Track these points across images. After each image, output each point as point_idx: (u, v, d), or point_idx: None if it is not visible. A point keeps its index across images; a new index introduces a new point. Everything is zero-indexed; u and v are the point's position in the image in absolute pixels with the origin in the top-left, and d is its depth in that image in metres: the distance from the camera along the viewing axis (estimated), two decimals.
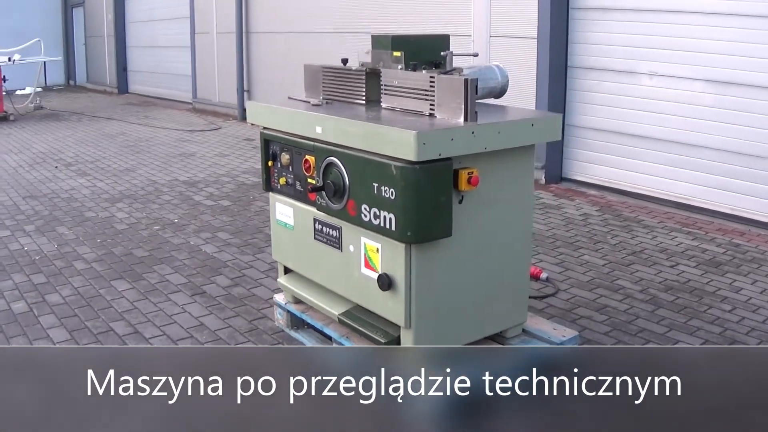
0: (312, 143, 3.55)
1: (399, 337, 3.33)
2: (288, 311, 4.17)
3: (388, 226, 3.15)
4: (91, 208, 6.96)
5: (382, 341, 3.34)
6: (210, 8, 13.07)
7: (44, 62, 14.51)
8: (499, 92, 3.90)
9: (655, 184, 6.64)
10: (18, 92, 15.42)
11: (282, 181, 3.86)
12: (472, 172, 3.15)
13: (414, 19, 8.67)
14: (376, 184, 3.18)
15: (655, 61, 6.44)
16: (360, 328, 3.48)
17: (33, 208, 6.97)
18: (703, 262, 5.21)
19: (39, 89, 17.15)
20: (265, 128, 3.94)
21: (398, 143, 3.00)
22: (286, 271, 4.15)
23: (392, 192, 3.09)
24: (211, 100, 13.49)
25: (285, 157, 3.80)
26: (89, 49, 18.77)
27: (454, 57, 3.67)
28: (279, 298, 4.27)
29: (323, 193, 3.48)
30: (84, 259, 5.55)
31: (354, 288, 3.51)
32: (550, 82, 7.15)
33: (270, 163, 3.95)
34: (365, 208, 3.26)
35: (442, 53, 3.59)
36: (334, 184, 3.42)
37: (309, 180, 3.61)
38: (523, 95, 7.42)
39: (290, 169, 3.78)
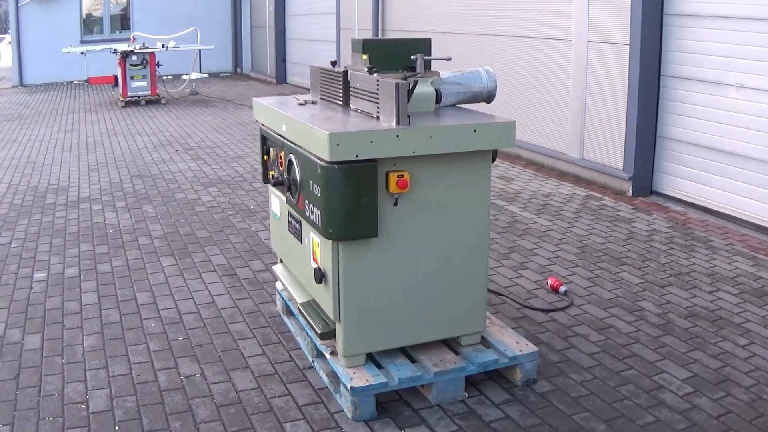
0: (282, 140, 3.72)
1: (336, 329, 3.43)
2: (282, 298, 4.38)
3: (317, 222, 3.26)
4: (184, 190, 7.49)
5: (319, 332, 3.45)
6: (353, 5, 13.49)
7: (199, 50, 15.51)
8: (487, 97, 3.87)
9: (737, 203, 6.20)
10: (183, 77, 16.64)
11: (272, 173, 4.06)
12: (402, 175, 3.19)
13: (520, 22, 8.57)
14: (311, 181, 3.30)
15: (743, 73, 6.00)
16: (308, 318, 3.61)
17: (134, 187, 7.61)
18: (748, 291, 4.84)
19: (205, 75, 18.43)
20: (263, 124, 4.15)
21: (318, 143, 3.10)
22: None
23: (318, 190, 3.19)
24: None
25: (273, 152, 4.00)
26: (254, 38, 19.91)
27: (430, 61, 3.71)
28: (279, 285, 4.48)
29: (284, 187, 3.65)
30: (150, 236, 6.02)
31: (308, 279, 3.64)
32: (640, 91, 6.83)
33: (266, 157, 4.15)
34: (307, 204, 3.39)
35: (412, 57, 3.63)
36: (291, 180, 3.58)
37: (284, 174, 3.78)
38: (615, 103, 7.17)
39: (276, 163, 3.97)
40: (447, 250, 3.43)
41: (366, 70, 3.56)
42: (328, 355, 3.53)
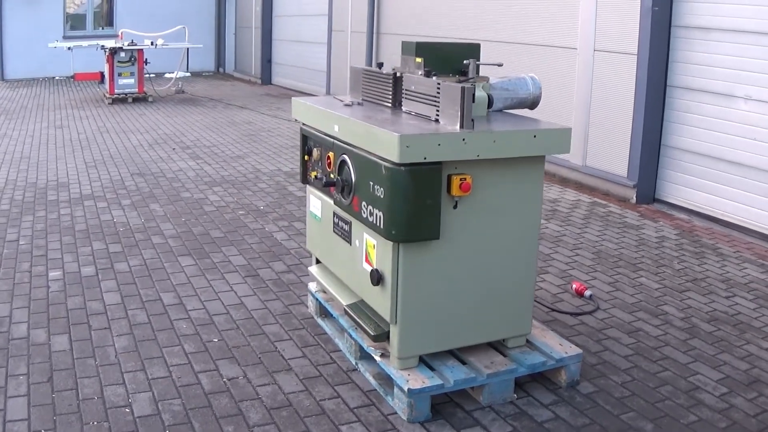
0: (332, 140, 3.73)
1: (389, 332, 3.44)
2: (317, 299, 4.38)
3: (378, 223, 3.27)
4: (189, 189, 7.43)
5: (372, 334, 3.46)
6: (346, 7, 13.50)
7: (187, 48, 15.39)
8: (532, 103, 3.92)
9: (742, 212, 6.34)
10: (166, 75, 16.50)
11: (313, 174, 4.06)
12: (465, 178, 3.22)
13: (525, 29, 8.66)
14: (371, 183, 3.31)
15: (752, 85, 6.15)
16: (357, 320, 3.62)
17: (136, 185, 7.54)
18: (762, 296, 4.96)
19: (188, 74, 18.28)
20: (303, 124, 4.15)
21: (386, 145, 3.12)
22: (319, 260, 4.35)
23: (382, 191, 3.21)
24: None
25: (316, 153, 4.00)
26: (238, 38, 19.84)
27: (480, 66, 3.75)
28: (311, 286, 4.48)
29: (336, 188, 3.66)
30: (163, 235, 5.97)
31: (357, 281, 3.65)
32: (647, 101, 6.95)
33: (306, 158, 4.15)
34: (364, 205, 3.40)
35: (464, 61, 3.67)
36: (344, 181, 3.59)
37: (331, 175, 3.79)
38: (621, 112, 7.28)
39: (320, 164, 3.97)
40: (500, 253, 3.47)
41: (422, 73, 3.59)
42: (378, 358, 3.54)
